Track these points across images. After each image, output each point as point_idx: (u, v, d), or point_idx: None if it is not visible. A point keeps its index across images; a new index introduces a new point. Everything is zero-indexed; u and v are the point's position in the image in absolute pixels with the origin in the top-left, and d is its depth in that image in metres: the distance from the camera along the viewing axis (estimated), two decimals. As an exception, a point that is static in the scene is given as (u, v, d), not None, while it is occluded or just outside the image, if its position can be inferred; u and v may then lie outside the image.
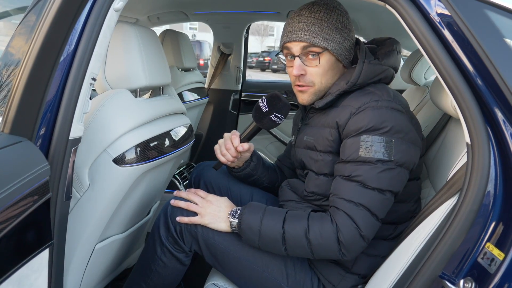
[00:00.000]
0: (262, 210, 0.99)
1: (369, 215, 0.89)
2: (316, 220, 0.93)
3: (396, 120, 0.91)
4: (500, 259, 0.68)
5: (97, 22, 0.87)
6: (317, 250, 0.92)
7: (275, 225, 0.95)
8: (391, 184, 0.90)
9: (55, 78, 0.84)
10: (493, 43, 0.71)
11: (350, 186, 0.90)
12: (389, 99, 0.94)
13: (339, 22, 0.99)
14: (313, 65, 1.00)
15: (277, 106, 1.08)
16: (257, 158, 1.27)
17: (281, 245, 0.95)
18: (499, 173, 0.72)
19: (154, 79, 1.18)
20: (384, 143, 0.89)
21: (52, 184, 0.85)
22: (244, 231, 0.99)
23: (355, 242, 0.89)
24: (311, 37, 0.98)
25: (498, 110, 0.72)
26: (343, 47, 1.01)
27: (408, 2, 0.78)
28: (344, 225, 0.88)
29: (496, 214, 0.72)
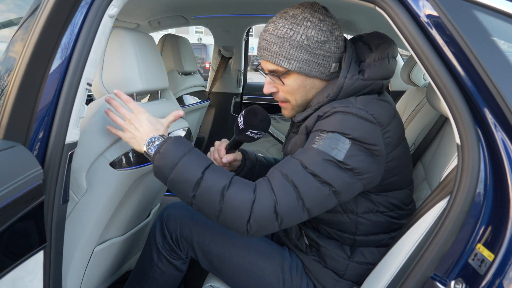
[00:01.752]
0: (189, 147, 0.89)
1: (294, 196, 0.81)
2: (241, 182, 0.85)
3: (362, 129, 0.85)
4: (490, 260, 0.67)
5: (91, 28, 0.89)
6: (226, 210, 0.82)
7: (196, 167, 0.85)
8: (333, 179, 0.82)
9: (51, 84, 0.86)
10: (482, 44, 0.71)
11: (291, 162, 0.85)
12: (360, 107, 0.87)
13: (305, 38, 0.91)
14: (280, 84, 0.97)
15: (252, 123, 1.07)
16: (252, 163, 1.24)
17: (191, 189, 0.84)
18: (489, 174, 0.72)
19: (150, 83, 1.20)
20: (340, 143, 0.83)
21: (49, 187, 0.86)
22: (161, 157, 0.87)
23: (267, 216, 0.80)
24: (273, 58, 0.93)
25: (487, 111, 0.72)
26: (313, 63, 0.93)
27: (397, 3, 0.78)
28: (263, 195, 0.81)
29: (487, 215, 0.72)
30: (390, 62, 0.96)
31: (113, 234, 1.24)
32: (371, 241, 1.00)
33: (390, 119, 0.92)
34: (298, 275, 1.04)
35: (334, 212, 0.97)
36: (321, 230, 1.04)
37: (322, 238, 1.03)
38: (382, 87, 0.97)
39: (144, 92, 1.23)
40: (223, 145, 1.16)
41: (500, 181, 0.71)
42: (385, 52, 0.96)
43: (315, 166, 0.82)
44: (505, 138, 0.70)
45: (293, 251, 1.10)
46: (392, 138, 0.90)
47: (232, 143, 1.15)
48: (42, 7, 0.72)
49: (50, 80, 0.86)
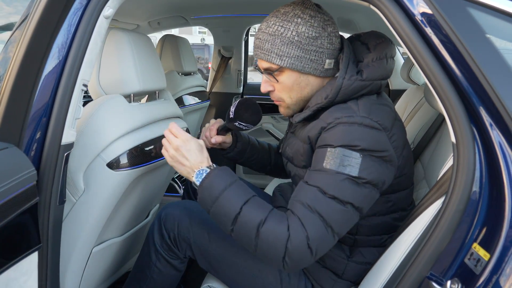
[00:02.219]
0: (231, 179, 0.90)
1: (322, 225, 0.81)
2: (276, 217, 0.85)
3: (369, 138, 0.84)
4: (485, 260, 0.67)
5: (87, 29, 0.89)
6: (262, 246, 0.84)
7: (236, 201, 0.86)
8: (353, 197, 0.83)
9: (47, 84, 0.87)
10: (476, 42, 0.70)
11: (309, 190, 0.85)
12: (364, 115, 0.86)
13: (296, 34, 0.91)
14: (275, 81, 0.97)
15: (242, 116, 1.09)
16: (243, 145, 1.25)
17: (230, 223, 0.86)
18: (485, 173, 0.72)
19: (147, 84, 1.20)
20: (352, 158, 0.83)
21: (45, 188, 0.87)
22: (203, 190, 0.89)
23: (301, 252, 0.81)
24: (266, 56, 0.94)
25: (483, 109, 0.71)
26: (306, 59, 0.93)
27: (391, 1, 0.77)
28: (295, 230, 0.81)
29: (482, 215, 0.71)
30: (389, 62, 0.96)
31: (111, 234, 1.25)
32: (372, 241, 0.99)
33: (393, 122, 0.92)
34: (296, 275, 1.03)
35: None
36: None
37: None
38: (380, 87, 0.96)
39: (141, 93, 1.23)
40: (215, 125, 1.19)
41: (495, 180, 0.70)
42: (383, 52, 0.95)
43: (334, 190, 0.82)
44: (500, 137, 0.70)
45: None
46: (398, 140, 0.91)
47: (222, 127, 1.18)
48: (34, 9, 0.72)
49: (46, 81, 0.86)
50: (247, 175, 2.63)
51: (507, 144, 0.69)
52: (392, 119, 0.92)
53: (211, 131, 1.19)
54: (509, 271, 0.63)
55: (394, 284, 0.79)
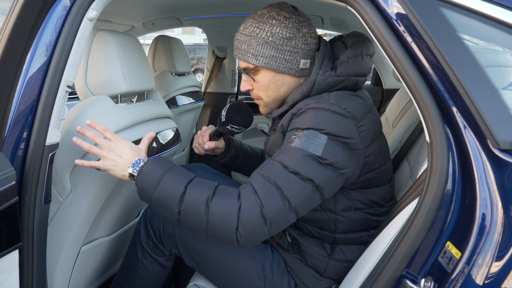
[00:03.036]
0: (170, 165, 0.90)
1: (279, 196, 0.81)
2: (224, 190, 0.85)
3: (335, 123, 0.86)
4: (457, 258, 0.68)
5: (70, 32, 0.91)
6: (213, 221, 0.81)
7: (178, 182, 0.85)
8: (314, 174, 0.82)
9: (32, 86, 0.88)
10: (449, 42, 0.71)
11: (271, 164, 0.85)
12: (332, 102, 0.88)
13: (270, 34, 0.94)
14: (252, 81, 1.01)
15: (233, 119, 1.14)
16: (235, 150, 1.29)
17: (176, 205, 0.84)
18: (458, 173, 0.72)
19: (134, 85, 1.21)
20: (316, 138, 0.84)
21: (29, 188, 0.88)
22: (142, 178, 0.88)
23: (255, 222, 0.79)
24: (243, 56, 0.98)
25: (456, 110, 0.72)
26: (281, 59, 0.96)
27: (367, 2, 0.78)
28: (248, 201, 0.80)
29: (455, 214, 0.72)
30: (364, 59, 0.98)
31: (100, 234, 1.26)
32: (351, 238, 1.00)
33: (365, 114, 0.93)
34: (279, 273, 1.04)
35: (313, 210, 0.98)
36: (302, 228, 1.04)
37: (304, 236, 1.04)
38: (356, 84, 0.98)
39: (128, 94, 1.24)
40: (207, 132, 1.24)
41: (468, 180, 0.71)
42: (359, 50, 0.97)
43: (296, 164, 0.83)
44: (473, 138, 0.70)
45: (276, 249, 1.10)
46: (367, 132, 0.91)
47: (214, 132, 1.23)
48: (11, 11, 0.73)
49: (30, 82, 0.87)
50: (242, 175, 2.64)
51: (480, 145, 0.70)
52: (364, 111, 0.93)
53: (203, 137, 1.23)
54: (477, 270, 0.64)
55: (370, 282, 0.79)
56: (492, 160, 0.67)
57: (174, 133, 1.44)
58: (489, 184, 0.67)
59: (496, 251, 0.64)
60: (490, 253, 0.64)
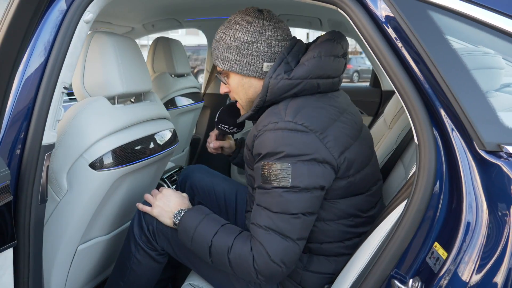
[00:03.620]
0: (202, 216, 0.99)
1: (280, 239, 0.86)
2: (240, 242, 0.92)
3: (294, 142, 0.86)
4: (443, 258, 0.68)
5: (67, 34, 0.92)
6: (236, 270, 0.92)
7: (207, 236, 0.95)
8: (297, 207, 0.86)
9: (28, 87, 0.90)
10: (436, 45, 0.72)
11: (259, 211, 0.90)
12: (289, 120, 0.88)
13: (233, 39, 0.98)
14: (226, 84, 1.07)
15: (223, 119, 1.24)
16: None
17: (208, 255, 0.96)
18: (445, 173, 0.73)
19: (131, 86, 1.22)
20: (281, 169, 0.86)
21: (26, 188, 0.90)
22: (180, 233, 1.01)
23: (268, 268, 0.87)
24: (214, 60, 1.05)
25: (443, 112, 0.73)
26: (243, 63, 0.99)
27: (357, 5, 0.79)
28: (257, 252, 0.88)
29: (443, 215, 0.73)
30: (325, 60, 0.95)
31: (97, 233, 1.27)
32: (325, 249, 0.99)
33: (329, 123, 0.91)
34: None
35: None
36: None
37: None
38: (318, 87, 0.95)
39: (125, 95, 1.26)
40: (215, 132, 1.36)
41: (455, 181, 0.71)
42: (317, 50, 0.95)
43: (277, 207, 0.87)
44: (460, 139, 0.71)
45: None
46: (335, 141, 0.90)
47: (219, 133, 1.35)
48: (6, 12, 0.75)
49: (27, 83, 0.89)
50: (242, 175, 2.66)
51: (466, 146, 0.70)
52: (328, 121, 0.92)
53: (210, 137, 1.36)
54: (462, 270, 0.65)
55: (359, 282, 0.80)
56: (478, 162, 0.68)
57: (171, 134, 1.45)
58: (475, 185, 0.67)
59: (481, 251, 0.64)
60: (475, 253, 0.65)
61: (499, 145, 0.66)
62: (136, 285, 1.18)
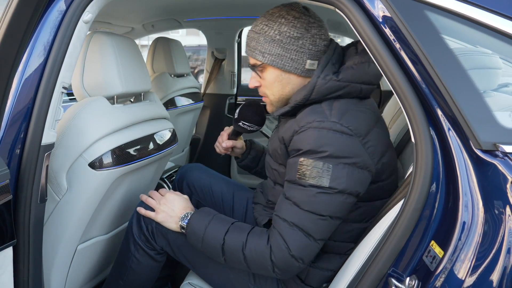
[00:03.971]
0: (210, 217, 1.00)
1: (302, 235, 0.87)
2: (255, 236, 0.92)
3: (338, 143, 0.86)
4: (440, 256, 0.69)
5: (66, 34, 0.93)
6: (252, 265, 0.93)
7: (218, 234, 0.96)
8: (328, 210, 0.87)
9: (28, 87, 0.90)
10: (433, 45, 0.73)
11: (286, 205, 0.90)
12: (335, 121, 0.88)
13: (278, 33, 0.95)
14: (259, 78, 1.03)
15: (245, 115, 1.19)
16: (256, 152, 1.34)
17: (220, 254, 0.96)
18: (442, 173, 0.73)
19: (130, 86, 1.23)
20: (321, 169, 0.85)
21: (25, 187, 0.90)
22: (189, 235, 1.01)
23: (287, 262, 0.87)
24: (251, 52, 1.00)
25: (440, 111, 0.73)
26: (286, 58, 0.96)
27: (355, 5, 0.80)
28: (276, 245, 0.88)
29: (439, 214, 0.73)
30: (371, 66, 0.95)
31: (96, 232, 1.28)
32: (337, 247, 1.00)
33: (369, 129, 0.92)
34: None
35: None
36: None
37: None
38: (361, 92, 0.97)
39: (125, 95, 1.26)
40: (227, 131, 1.30)
41: (452, 181, 0.72)
42: (367, 56, 0.94)
43: (308, 205, 0.87)
44: (457, 139, 0.71)
45: None
46: (375, 147, 0.91)
47: (232, 132, 1.29)
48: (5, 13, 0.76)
49: (27, 83, 0.90)
50: (241, 175, 2.66)
51: (463, 146, 0.71)
52: (369, 125, 0.93)
53: (222, 136, 1.30)
54: (458, 269, 0.65)
55: (356, 281, 0.81)
56: (474, 161, 0.68)
57: (170, 134, 1.46)
58: (471, 184, 0.68)
59: (477, 249, 0.65)
60: (471, 251, 0.65)
61: (495, 145, 0.66)
62: (135, 284, 1.18)
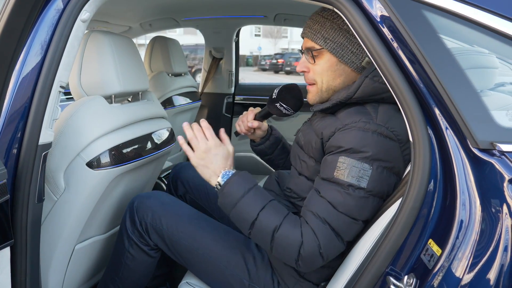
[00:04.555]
0: (249, 186, 0.95)
1: (333, 236, 0.88)
2: (290, 224, 0.91)
3: (380, 146, 0.87)
4: (437, 255, 0.69)
5: (63, 33, 0.92)
6: (276, 249, 0.92)
7: (253, 208, 0.92)
8: (362, 213, 0.88)
9: (25, 86, 0.90)
10: (430, 44, 0.73)
11: (321, 202, 0.90)
12: (380, 124, 0.88)
13: (345, 23, 0.93)
14: (311, 62, 1.01)
15: (284, 97, 1.15)
16: (276, 139, 1.31)
17: (248, 227, 0.93)
18: (440, 171, 0.74)
19: (128, 85, 1.23)
20: (361, 169, 0.86)
21: (23, 187, 0.90)
22: (224, 195, 0.95)
23: (313, 258, 0.88)
24: (312, 35, 0.99)
25: (437, 110, 0.73)
26: (347, 49, 0.96)
27: (353, 5, 0.80)
28: (309, 240, 0.88)
29: (437, 212, 0.73)
30: None
31: (94, 232, 1.28)
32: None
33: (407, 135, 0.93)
34: (263, 266, 1.05)
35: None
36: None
37: None
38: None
39: (122, 94, 1.26)
40: (254, 111, 1.25)
41: (449, 179, 0.72)
42: None
43: (344, 207, 0.88)
44: (454, 138, 0.72)
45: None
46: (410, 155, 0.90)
47: (262, 112, 1.24)
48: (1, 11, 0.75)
49: (24, 82, 0.89)
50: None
51: (460, 145, 0.71)
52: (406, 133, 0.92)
53: (248, 115, 1.24)
54: (456, 267, 0.65)
55: (355, 280, 0.81)
56: (471, 160, 0.69)
57: (168, 133, 1.46)
58: (468, 183, 0.68)
59: (474, 248, 0.65)
60: (468, 250, 0.65)
61: (492, 143, 0.66)
62: (131, 280, 1.18)
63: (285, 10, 2.09)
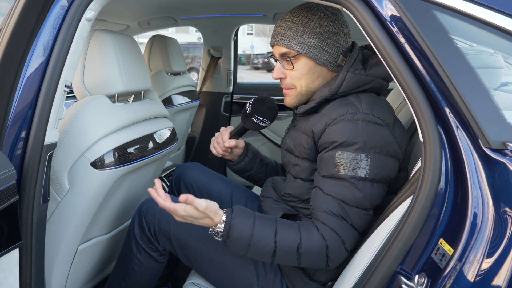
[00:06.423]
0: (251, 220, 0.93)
1: (351, 228, 0.91)
2: (308, 233, 0.91)
3: (372, 134, 0.90)
4: (449, 254, 0.70)
5: (68, 32, 0.91)
6: (305, 261, 0.93)
7: (267, 238, 0.91)
8: (370, 202, 0.91)
9: (31, 86, 0.88)
10: (441, 44, 0.73)
11: (330, 200, 0.91)
12: (367, 112, 0.92)
13: (318, 25, 0.98)
14: (290, 68, 1.02)
15: (259, 110, 1.13)
16: (253, 154, 1.29)
17: (270, 257, 0.93)
18: (451, 171, 0.74)
19: (131, 84, 1.22)
20: (359, 160, 0.89)
21: (28, 187, 0.89)
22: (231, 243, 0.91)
23: (340, 254, 0.91)
24: (286, 42, 1.00)
25: (448, 110, 0.74)
26: (323, 51, 0.99)
27: (362, 4, 0.80)
28: (332, 241, 0.90)
29: (448, 211, 0.74)
30: None
31: (97, 232, 1.26)
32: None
33: (394, 119, 0.98)
34: (272, 270, 1.06)
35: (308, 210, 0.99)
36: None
37: None
38: (382, 87, 1.01)
39: (125, 93, 1.25)
40: (228, 130, 1.21)
41: (460, 179, 0.73)
42: None
43: (353, 200, 0.90)
44: (465, 137, 0.72)
45: None
46: (401, 136, 0.96)
47: (237, 130, 1.20)
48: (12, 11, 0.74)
49: (29, 82, 0.88)
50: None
51: (471, 144, 0.72)
52: (393, 117, 0.98)
53: (223, 136, 1.20)
54: (469, 266, 0.66)
55: (365, 279, 0.81)
56: (483, 159, 0.69)
57: (170, 133, 1.45)
58: (481, 183, 0.69)
59: (487, 247, 0.66)
60: (481, 249, 0.66)
61: (504, 143, 0.67)
62: (137, 285, 1.17)
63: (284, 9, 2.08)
